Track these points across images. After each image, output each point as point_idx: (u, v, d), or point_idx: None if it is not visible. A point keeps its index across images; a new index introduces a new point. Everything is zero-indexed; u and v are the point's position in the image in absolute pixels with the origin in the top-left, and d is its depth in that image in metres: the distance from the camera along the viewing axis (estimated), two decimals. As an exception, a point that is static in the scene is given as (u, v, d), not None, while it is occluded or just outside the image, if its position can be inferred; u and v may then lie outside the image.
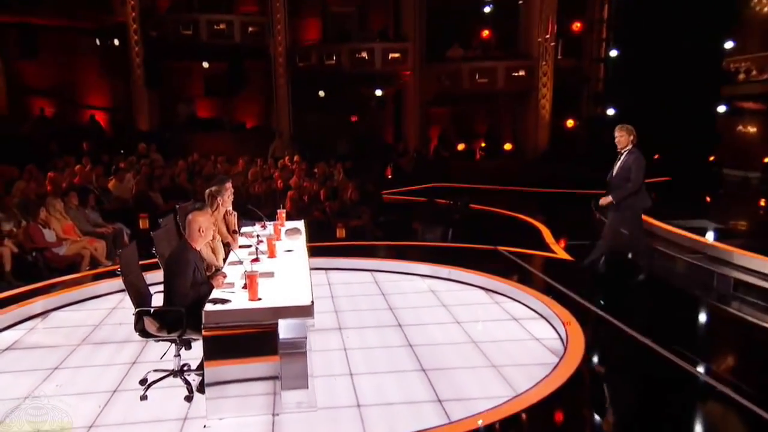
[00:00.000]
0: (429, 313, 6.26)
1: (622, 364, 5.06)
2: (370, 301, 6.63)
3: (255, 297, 4.13)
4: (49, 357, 5.06)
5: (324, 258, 8.18)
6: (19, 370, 4.80)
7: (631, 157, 6.52)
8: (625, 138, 6.53)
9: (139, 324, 4.27)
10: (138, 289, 4.36)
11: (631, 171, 6.46)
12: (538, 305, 6.30)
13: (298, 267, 5.02)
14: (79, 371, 4.79)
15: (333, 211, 10.81)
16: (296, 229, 6.23)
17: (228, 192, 5.88)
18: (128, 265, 4.31)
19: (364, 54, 17.96)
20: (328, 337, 5.58)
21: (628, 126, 6.59)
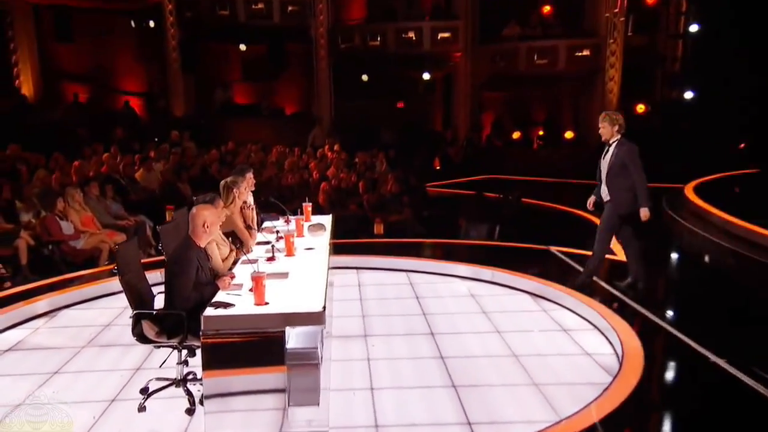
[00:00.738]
0: (466, 321, 5.96)
1: (687, 389, 4.63)
2: (402, 306, 6.37)
3: (261, 301, 3.93)
4: (51, 359, 5.02)
5: (357, 256, 7.99)
6: (18, 373, 4.77)
7: (622, 148, 5.99)
8: (608, 129, 6.02)
9: (137, 328, 4.15)
10: (138, 290, 4.23)
11: (628, 166, 5.92)
12: (592, 315, 5.90)
13: (316, 268, 4.80)
14: (80, 377, 4.72)
15: (371, 205, 10.59)
16: (320, 225, 6.02)
17: (245, 183, 5.72)
18: (127, 264, 4.18)
19: (412, 34, 17.60)
20: (350, 345, 5.37)
21: (610, 114, 6.09)
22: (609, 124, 6.00)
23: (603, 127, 6.01)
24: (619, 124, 6.01)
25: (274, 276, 4.53)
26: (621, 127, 6.01)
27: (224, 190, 5.64)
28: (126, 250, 4.24)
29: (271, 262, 4.98)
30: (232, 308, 3.87)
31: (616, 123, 6.00)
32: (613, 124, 6.00)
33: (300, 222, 5.97)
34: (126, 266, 4.16)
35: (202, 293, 4.12)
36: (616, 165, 6.01)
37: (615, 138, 6.04)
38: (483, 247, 8.86)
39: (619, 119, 6.03)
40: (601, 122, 6.03)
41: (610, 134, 6.02)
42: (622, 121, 6.04)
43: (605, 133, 6.04)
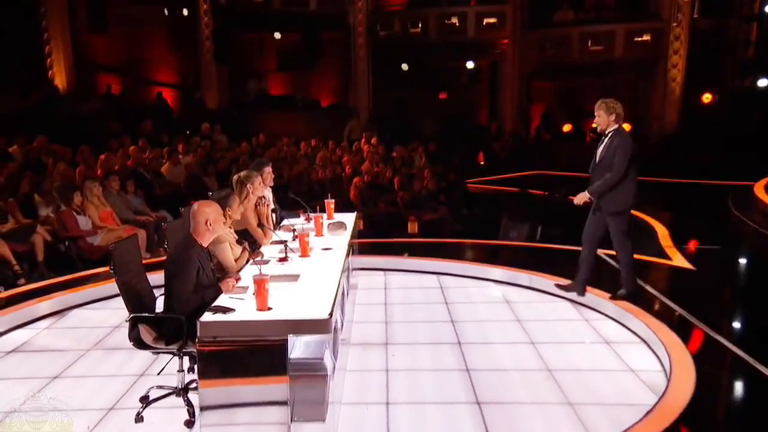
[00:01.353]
0: (498, 330, 5.71)
1: (746, 415, 4.28)
2: (429, 311, 6.17)
3: (264, 306, 3.78)
4: (53, 362, 5.00)
5: (386, 257, 7.83)
6: (17, 377, 4.76)
7: (616, 139, 5.62)
8: (604, 117, 5.67)
9: (133, 332, 4.06)
10: (136, 291, 4.14)
11: (615, 156, 5.57)
12: (638, 326, 5.58)
13: (331, 270, 4.64)
14: (80, 382, 4.68)
15: (404, 202, 10.40)
16: (340, 224, 5.86)
17: (260, 179, 5.60)
18: (125, 263, 4.10)
19: (455, 20, 17.32)
20: (369, 354, 5.20)
21: (607, 101, 5.69)
22: (605, 112, 5.66)
23: (598, 115, 5.69)
24: (617, 113, 5.65)
25: (283, 278, 4.40)
26: (618, 117, 5.67)
27: (237, 185, 5.55)
28: (124, 248, 4.16)
29: (283, 263, 4.84)
30: (231, 313, 3.74)
31: (613, 111, 5.64)
32: (610, 112, 5.65)
33: (319, 220, 5.82)
34: (124, 266, 4.08)
35: (204, 296, 4.00)
36: (607, 157, 5.67)
37: (612, 128, 5.69)
38: (523, 249, 8.57)
39: (617, 107, 5.67)
40: (596, 110, 5.71)
41: (606, 123, 5.68)
42: (620, 110, 5.67)
43: (601, 122, 5.70)
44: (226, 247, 4.73)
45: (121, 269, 4.05)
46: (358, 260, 7.43)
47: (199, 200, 4.33)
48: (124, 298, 4.02)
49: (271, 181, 6.25)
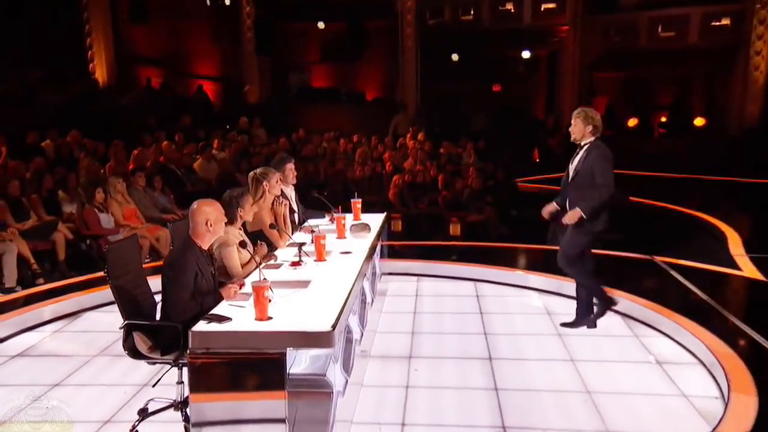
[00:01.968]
0: (535, 345, 5.44)
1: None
2: (461, 322, 5.93)
3: (263, 315, 3.63)
4: (56, 369, 4.99)
5: (420, 261, 7.61)
6: (17, 383, 4.74)
7: (593, 152, 5.31)
8: (580, 127, 5.37)
9: (128, 340, 3.96)
10: (132, 297, 4.05)
11: (595, 172, 5.24)
12: (696, 345, 5.22)
13: (346, 277, 4.46)
14: (80, 391, 4.63)
15: (446, 202, 10.15)
16: (364, 226, 5.69)
17: (277, 176, 5.48)
18: (121, 266, 4.01)
19: (510, 6, 16.93)
20: (389, 368, 5.00)
21: (586, 110, 5.40)
22: (582, 121, 5.36)
23: (575, 124, 5.40)
24: (594, 125, 5.34)
25: (292, 285, 4.26)
26: (596, 129, 5.36)
27: (253, 183, 5.44)
28: (121, 250, 4.08)
29: (296, 267, 4.70)
30: (227, 323, 3.60)
31: (591, 122, 5.34)
32: (587, 122, 5.34)
33: (341, 221, 5.65)
34: (120, 269, 3.99)
35: (202, 303, 3.88)
36: (583, 171, 5.36)
37: (587, 139, 5.39)
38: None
39: (596, 119, 5.36)
40: (573, 118, 5.42)
41: (581, 134, 5.39)
42: (599, 123, 5.36)
43: (576, 132, 5.42)
44: (232, 250, 4.60)
45: (117, 272, 3.96)
46: (390, 264, 7.28)
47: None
48: (118, 303, 3.93)
49: (294, 178, 6.12)
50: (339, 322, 3.61)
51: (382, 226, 6.36)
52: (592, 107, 5.59)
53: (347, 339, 4.51)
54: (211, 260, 4.13)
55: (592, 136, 5.37)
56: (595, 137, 5.37)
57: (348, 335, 4.53)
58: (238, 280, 4.20)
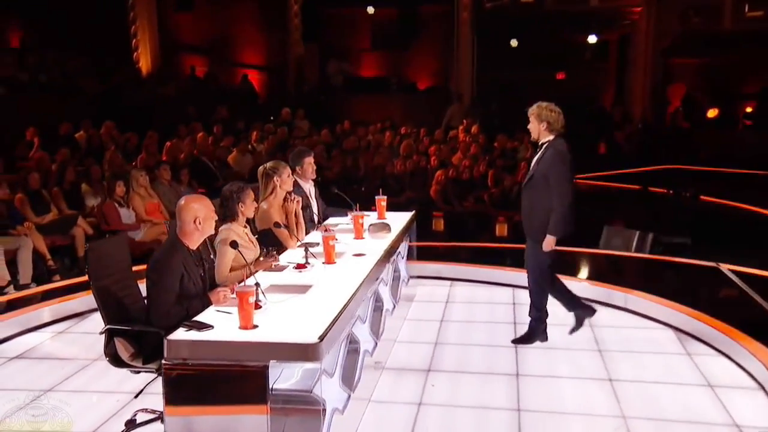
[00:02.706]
0: (569, 360, 5.15)
1: None
2: (491, 333, 5.67)
3: (247, 324, 3.49)
4: (52, 373, 4.97)
5: (455, 264, 7.36)
6: (8, 388, 4.73)
7: (549, 152, 5.03)
8: (534, 125, 5.13)
9: (109, 346, 3.88)
10: (118, 300, 3.97)
11: (549, 175, 4.96)
12: (757, 368, 4.81)
13: (351, 281, 4.28)
14: (72, 398, 4.58)
15: (493, 200, 9.84)
16: (383, 226, 5.50)
17: (288, 171, 5.34)
18: (104, 266, 3.93)
19: (575, -14, 16.40)
20: (404, 382, 4.79)
21: (542, 105, 5.11)
22: (536, 119, 5.11)
23: (531, 122, 5.16)
24: (549, 121, 5.05)
25: (290, 289, 4.13)
26: (551, 126, 5.07)
27: (263, 178, 5.33)
28: (102, 249, 4.00)
29: (301, 270, 4.55)
30: (208, 330, 3.47)
31: (545, 119, 5.05)
32: (541, 119, 5.07)
33: (359, 220, 5.47)
34: (103, 269, 3.91)
35: (188, 308, 3.77)
36: (538, 174, 5.07)
37: (545, 138, 5.11)
38: (626, 260, 7.81)
39: (551, 115, 5.06)
40: (529, 115, 5.16)
41: (537, 133, 5.15)
42: (554, 119, 5.06)
43: (532, 131, 5.18)
44: (228, 250, 4.48)
45: (99, 273, 3.89)
46: (420, 267, 7.07)
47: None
48: (99, 307, 3.86)
49: (313, 173, 5.99)
50: (329, 333, 3.45)
51: (407, 225, 6.15)
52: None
53: (352, 350, 4.34)
54: (201, 261, 4.01)
55: (549, 134, 5.09)
56: (554, 135, 5.08)
57: (353, 346, 4.36)
58: (232, 284, 4.06)
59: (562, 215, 5.01)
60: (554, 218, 5.02)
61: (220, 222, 4.68)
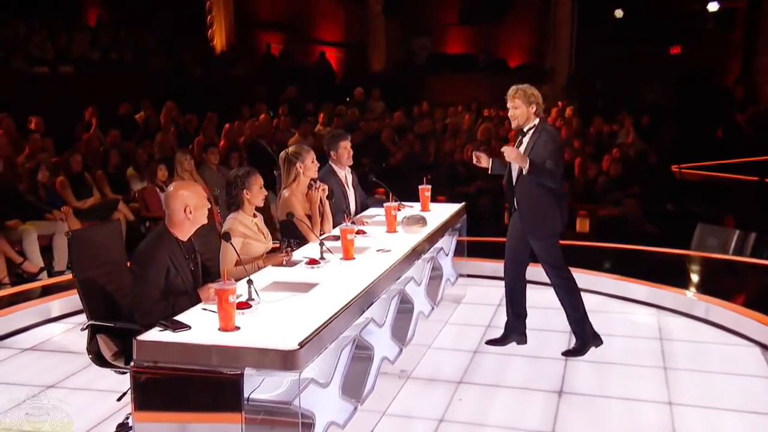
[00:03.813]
0: (625, 378, 4.84)
1: None
2: (541, 342, 5.40)
3: (227, 325, 3.39)
4: (59, 368, 5.06)
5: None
6: (11, 382, 4.86)
7: (543, 135, 4.91)
8: (522, 109, 4.95)
9: (92, 344, 3.90)
10: (105, 294, 3.98)
11: (547, 158, 4.81)
12: None
13: (362, 281, 4.12)
14: (72, 395, 4.65)
15: (575, 192, 9.44)
16: (418, 219, 5.30)
17: (312, 156, 5.24)
18: (90, 257, 3.95)
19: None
20: (429, 394, 4.62)
21: (523, 87, 4.99)
22: (523, 102, 4.94)
23: (515, 107, 4.98)
24: (538, 103, 4.97)
25: (292, 287, 4.04)
26: (539, 108, 4.99)
27: (285, 164, 5.26)
28: (87, 237, 4.01)
29: (314, 266, 4.42)
30: (184, 331, 3.41)
31: (533, 101, 4.95)
32: (529, 102, 4.94)
33: (391, 212, 5.30)
34: (89, 260, 3.93)
35: (174, 305, 3.72)
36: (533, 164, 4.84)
37: (532, 123, 4.98)
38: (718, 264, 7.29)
39: (537, 96, 4.98)
40: (510, 100, 5.01)
41: (525, 117, 4.98)
42: (539, 99, 4.99)
43: (519, 116, 4.99)
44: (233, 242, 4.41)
45: (84, 264, 3.90)
46: (474, 265, 6.83)
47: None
48: (82, 300, 3.88)
49: (349, 158, 5.86)
50: (314, 339, 3.30)
51: (452, 219, 5.93)
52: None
53: (361, 357, 4.20)
54: (192, 254, 3.95)
55: (537, 117, 4.97)
56: (538, 118, 4.97)
57: (362, 352, 4.21)
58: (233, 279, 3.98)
59: (548, 177, 4.85)
60: (545, 168, 4.80)
61: (227, 211, 4.67)
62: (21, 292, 6.58)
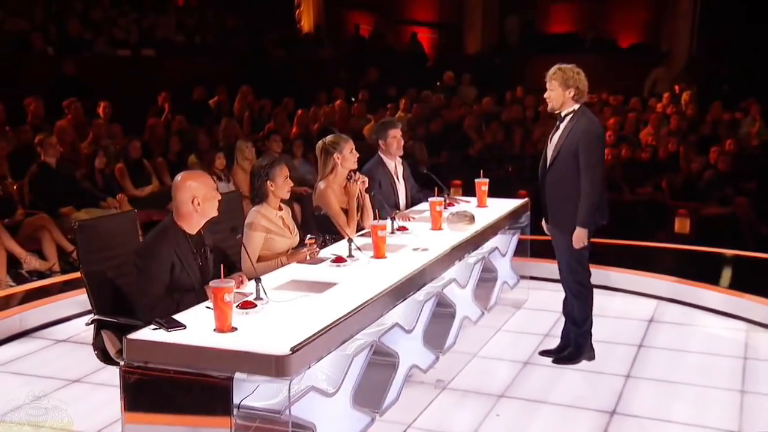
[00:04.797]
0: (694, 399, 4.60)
1: None
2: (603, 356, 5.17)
3: (223, 326, 3.41)
4: (86, 362, 4.97)
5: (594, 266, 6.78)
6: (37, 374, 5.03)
7: (579, 126, 4.71)
8: (558, 91, 4.74)
9: (97, 339, 4.00)
10: (115, 287, 4.06)
11: (581, 152, 4.65)
12: None
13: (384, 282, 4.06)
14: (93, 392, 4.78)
15: (673, 188, 9.04)
16: (464, 216, 5.18)
17: (350, 146, 5.20)
18: (97, 249, 4.04)
19: None
20: (464, 406, 4.52)
21: (565, 68, 4.75)
22: (560, 84, 4.74)
23: (551, 88, 4.80)
24: (578, 87, 4.72)
25: (309, 287, 4.06)
26: (579, 92, 4.75)
27: (321, 154, 5.24)
28: (96, 228, 4.11)
29: (339, 264, 4.40)
30: (178, 331, 3.44)
31: (572, 85, 4.71)
32: (567, 85, 4.72)
33: (436, 207, 5.19)
34: (95, 252, 4.02)
35: (179, 302, 3.77)
36: (565, 152, 4.75)
37: (569, 108, 4.77)
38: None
39: (578, 79, 4.73)
40: (548, 81, 4.81)
41: (560, 102, 4.78)
42: (584, 83, 4.75)
43: (553, 99, 4.81)
44: (255, 236, 4.46)
45: (92, 256, 4.00)
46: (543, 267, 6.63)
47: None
48: (88, 293, 3.97)
49: (399, 148, 5.80)
50: (309, 344, 3.27)
51: (509, 216, 5.77)
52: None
53: (384, 364, 4.14)
54: (202, 249, 3.99)
55: (576, 102, 4.76)
56: (579, 104, 4.77)
57: (386, 359, 4.15)
58: (238, 276, 4.01)
59: (594, 202, 4.71)
60: (584, 206, 4.70)
61: (251, 204, 4.69)
62: (69, 280, 6.83)
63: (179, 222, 3.90)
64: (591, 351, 5.09)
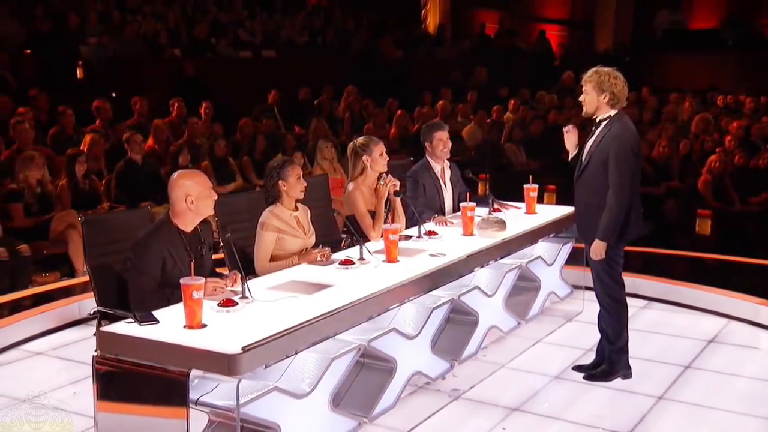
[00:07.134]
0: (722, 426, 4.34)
1: None
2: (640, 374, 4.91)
3: (191, 323, 3.56)
4: (56, 377, 5.10)
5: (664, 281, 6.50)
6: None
7: (612, 131, 4.55)
8: (592, 96, 4.60)
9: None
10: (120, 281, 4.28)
11: (610, 160, 4.51)
12: None
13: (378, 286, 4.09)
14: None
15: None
16: (496, 222, 5.10)
17: (380, 148, 5.23)
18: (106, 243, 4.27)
19: None
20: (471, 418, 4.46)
21: (599, 71, 4.62)
22: (595, 88, 4.58)
23: (585, 92, 4.66)
24: (613, 92, 4.54)
25: (302, 288, 4.16)
26: (614, 98, 4.56)
27: (351, 156, 5.32)
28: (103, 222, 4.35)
29: (346, 266, 4.47)
30: (151, 325, 3.62)
31: (608, 89, 4.54)
32: (601, 90, 4.55)
33: (467, 213, 5.14)
34: (101, 246, 4.25)
35: (170, 297, 3.95)
36: (595, 159, 4.61)
37: (604, 114, 4.60)
38: None
39: (617, 83, 4.55)
40: (583, 84, 4.66)
41: (594, 106, 4.63)
42: (620, 88, 4.56)
43: (587, 104, 4.67)
44: (267, 236, 4.59)
45: (98, 250, 4.24)
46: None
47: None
48: (92, 286, 4.22)
49: (443, 151, 5.76)
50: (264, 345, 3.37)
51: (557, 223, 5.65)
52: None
53: (378, 369, 4.18)
54: (198, 245, 4.14)
55: (611, 108, 4.59)
56: (615, 110, 4.60)
57: (381, 363, 4.18)
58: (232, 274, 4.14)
59: (617, 219, 4.54)
60: (606, 220, 4.55)
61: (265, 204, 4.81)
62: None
63: (174, 219, 4.08)
64: (627, 369, 4.88)
